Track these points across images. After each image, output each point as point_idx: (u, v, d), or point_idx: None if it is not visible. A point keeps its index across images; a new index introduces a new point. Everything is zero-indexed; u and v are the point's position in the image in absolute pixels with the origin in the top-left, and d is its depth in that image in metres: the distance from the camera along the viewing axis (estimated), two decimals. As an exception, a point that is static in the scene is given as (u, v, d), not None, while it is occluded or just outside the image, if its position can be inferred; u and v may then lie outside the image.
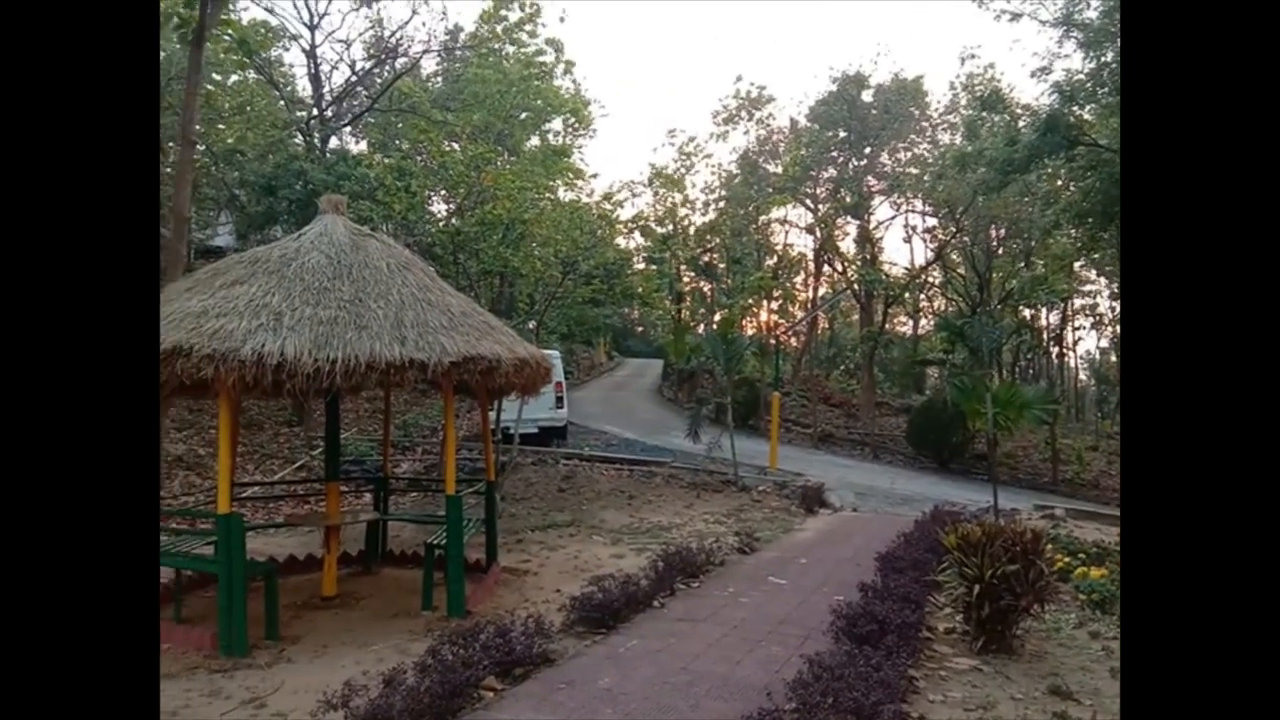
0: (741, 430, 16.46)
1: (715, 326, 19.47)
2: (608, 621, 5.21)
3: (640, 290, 18.44)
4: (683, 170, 22.19)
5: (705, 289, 26.42)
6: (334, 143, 19.53)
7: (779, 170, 25.79)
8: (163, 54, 16.79)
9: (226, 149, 17.12)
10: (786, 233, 28.36)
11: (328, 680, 4.34)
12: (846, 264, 25.20)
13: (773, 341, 22.01)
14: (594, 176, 19.90)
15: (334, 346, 4.83)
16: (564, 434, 15.11)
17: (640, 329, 57.17)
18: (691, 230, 23.59)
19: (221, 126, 17.93)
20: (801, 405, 23.18)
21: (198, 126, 12.04)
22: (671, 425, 18.53)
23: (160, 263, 13.05)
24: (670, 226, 22.15)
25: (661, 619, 5.48)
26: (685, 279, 25.86)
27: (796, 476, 12.65)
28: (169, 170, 16.11)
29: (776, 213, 25.65)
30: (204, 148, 16.93)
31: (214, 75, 19.19)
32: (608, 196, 14.59)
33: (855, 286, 23.60)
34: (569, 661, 4.55)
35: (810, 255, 28.19)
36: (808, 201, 26.13)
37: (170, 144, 16.29)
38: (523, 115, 20.60)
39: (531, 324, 13.98)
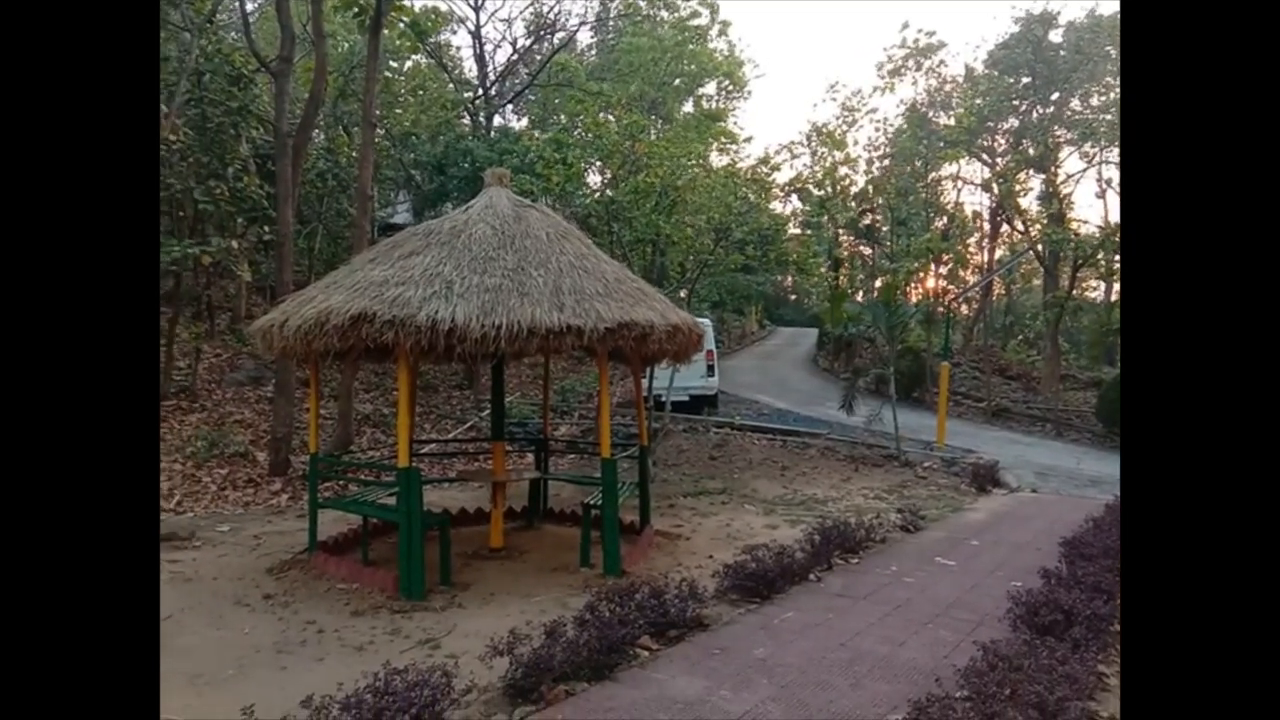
0: (905, 403, 15.59)
1: (876, 293, 18.48)
2: (762, 591, 5.13)
3: (795, 256, 17.87)
4: (845, 127, 21.07)
5: (866, 253, 25.12)
6: (497, 120, 20.48)
7: (951, 122, 23.81)
8: (344, 44, 18.33)
9: (403, 131, 18.42)
10: (959, 190, 26.28)
11: (495, 627, 4.61)
12: (1029, 223, 22.90)
13: (941, 309, 20.55)
14: (748, 140, 19.35)
15: (499, 313, 5.04)
16: (715, 402, 15.05)
17: (793, 297, 55.65)
18: (853, 191, 22.41)
19: (399, 111, 19.32)
20: (973, 377, 21.55)
21: (377, 110, 13.02)
22: (827, 396, 17.93)
23: (348, 239, 14.17)
24: (829, 188, 21.17)
25: (818, 593, 5.31)
26: (844, 243, 24.71)
27: (967, 453, 11.80)
28: (354, 153, 17.66)
29: (948, 169, 23.76)
30: (383, 131, 18.34)
31: (390, 63, 20.70)
32: (764, 160, 14.16)
33: (1039, 248, 21.42)
34: (723, 628, 4.52)
35: (985, 214, 25.95)
36: (984, 155, 23.97)
37: (354, 128, 17.81)
38: (676, 82, 20.45)
39: (683, 292, 13.96)
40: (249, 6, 13.64)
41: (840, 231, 23.83)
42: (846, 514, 7.67)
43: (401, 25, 10.31)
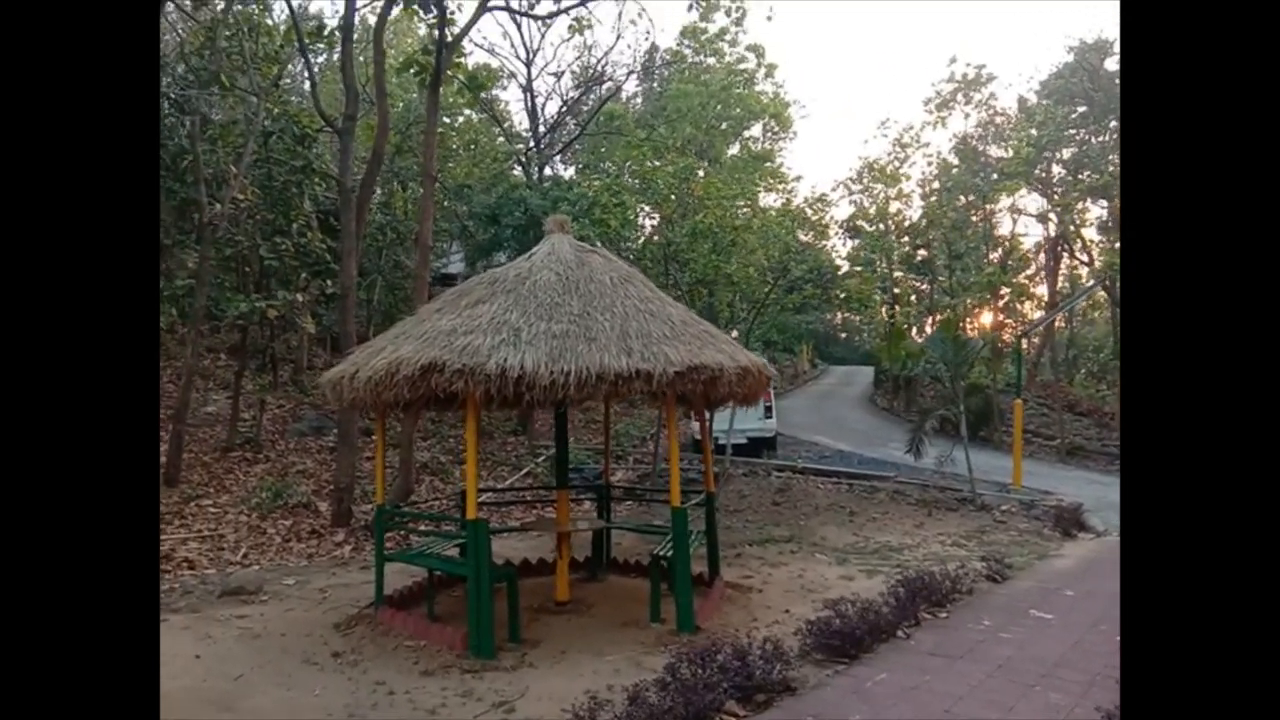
0: (973, 442, 14.96)
1: (931, 329, 17.96)
2: (848, 650, 4.80)
3: (850, 293, 17.56)
4: (896, 163, 20.84)
5: (921, 288, 24.58)
6: (546, 171, 20.91)
7: (1006, 154, 23.39)
8: (401, 104, 19.03)
9: (457, 184, 18.91)
10: (1015, 222, 25.65)
11: (569, 689, 4.40)
12: (1092, 253, 22.14)
13: (1007, 342, 19.85)
14: (797, 179, 19.29)
15: (567, 359, 4.94)
16: (773, 445, 14.70)
17: (844, 335, 54.82)
18: (906, 225, 22.06)
19: (452, 165, 19.87)
20: (1041, 414, 20.66)
21: (434, 174, 13.38)
22: (889, 436, 17.38)
23: (405, 289, 14.39)
24: (882, 224, 20.89)
25: (909, 652, 4.95)
26: (898, 279, 24.25)
27: (1045, 495, 11.20)
28: (411, 207, 18.15)
29: (1004, 201, 23.25)
30: (438, 184, 18.87)
31: (444, 119, 21.41)
32: (820, 199, 14.05)
33: (1104, 279, 20.64)
34: (811, 692, 4.22)
35: (1044, 246, 25.22)
36: (1040, 186, 23.40)
37: (411, 182, 18.36)
38: (723, 125, 20.61)
39: (733, 332, 13.79)
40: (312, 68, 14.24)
41: (893, 267, 23.38)
42: (926, 563, 7.25)
43: (458, 83, 10.59)
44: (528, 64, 18.22)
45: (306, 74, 14.49)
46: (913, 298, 25.85)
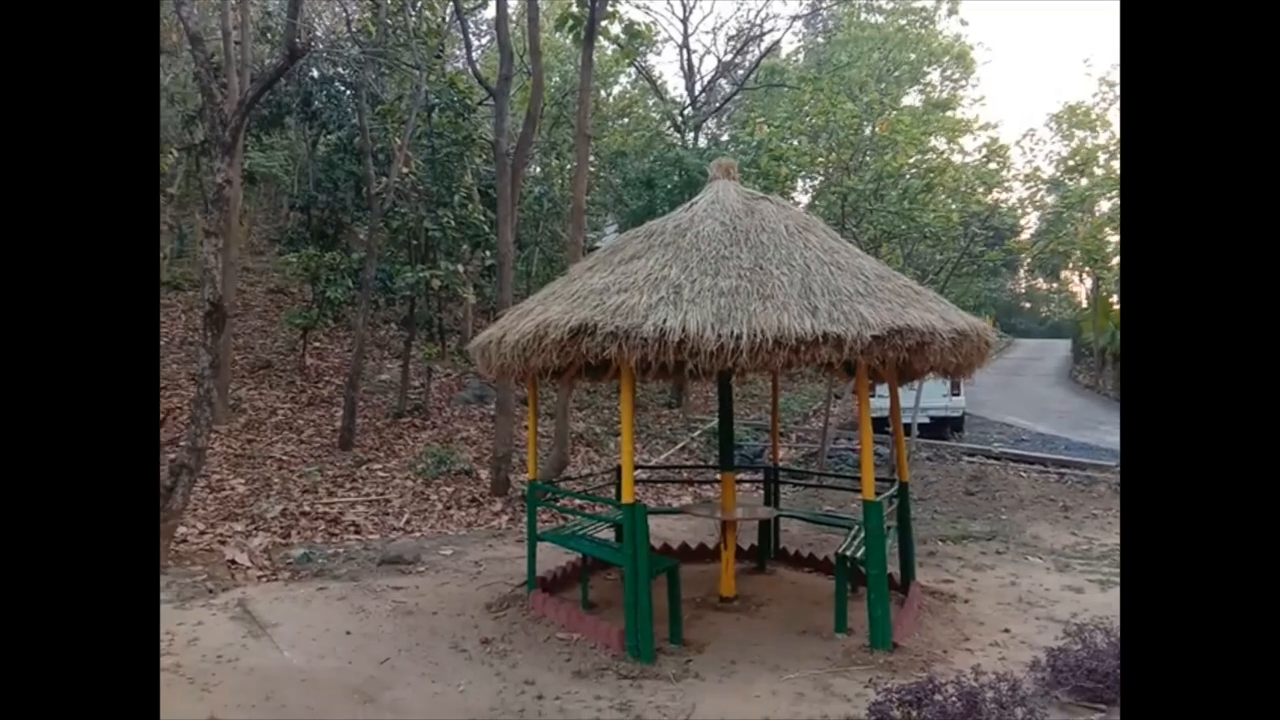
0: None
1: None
2: (1105, 695, 3.70)
3: (1089, 247, 15.06)
4: (1104, 105, 17.90)
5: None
6: (701, 139, 20.02)
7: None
8: (557, 77, 18.87)
9: (612, 152, 18.53)
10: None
11: (742, 711, 3.70)
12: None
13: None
14: (984, 128, 17.02)
15: (737, 320, 4.15)
16: (961, 425, 13.08)
17: (1026, 305, 49.52)
18: (1114, 177, 18.92)
19: (605, 138, 19.52)
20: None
21: (588, 133, 12.95)
22: (1097, 418, 15.04)
23: (562, 260, 14.22)
24: (1082, 176, 18.02)
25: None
26: (1106, 238, 21.02)
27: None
28: (568, 178, 18.03)
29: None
30: (593, 154, 18.58)
31: (600, 90, 21.11)
32: (1000, 149, 12.03)
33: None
34: (1064, 754, 3.22)
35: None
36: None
37: (569, 153, 18.19)
38: (896, 72, 18.65)
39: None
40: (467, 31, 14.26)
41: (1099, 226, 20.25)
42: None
43: (611, 37, 9.94)
44: (684, 19, 17.34)
45: (463, 40, 14.51)
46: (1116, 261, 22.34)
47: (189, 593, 5.44)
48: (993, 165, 12.02)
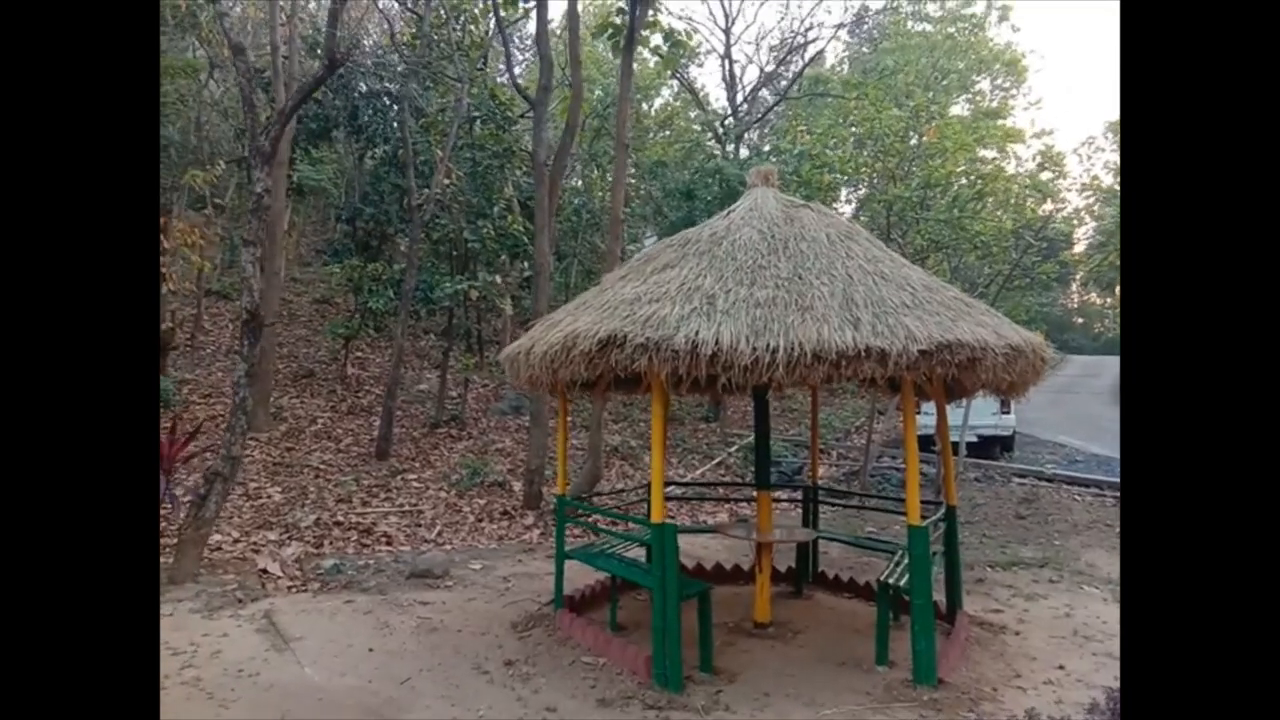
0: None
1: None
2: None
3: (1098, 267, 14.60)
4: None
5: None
6: (743, 151, 19.82)
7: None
8: (599, 90, 18.91)
9: (652, 164, 18.46)
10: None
11: (774, 750, 3.46)
12: None
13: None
14: (1038, 135, 16.45)
15: (774, 332, 3.95)
16: (1011, 445, 12.56)
17: (1079, 320, 47.87)
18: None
19: (645, 151, 19.47)
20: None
21: (629, 141, 12.89)
22: (1157, 439, 14.30)
23: (600, 272, 14.15)
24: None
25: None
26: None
27: None
28: (608, 191, 18.00)
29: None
30: (633, 165, 18.53)
31: (641, 102, 21.10)
32: (1058, 155, 11.58)
33: None
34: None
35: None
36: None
37: (609, 165, 18.17)
38: (944, 81, 18.21)
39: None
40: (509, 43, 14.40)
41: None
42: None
43: (652, 48, 9.86)
44: (726, 29, 17.22)
45: (503, 51, 14.61)
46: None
47: (218, 602, 5.42)
48: (1046, 174, 11.56)
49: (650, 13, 9.14)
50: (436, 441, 11.85)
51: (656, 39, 9.49)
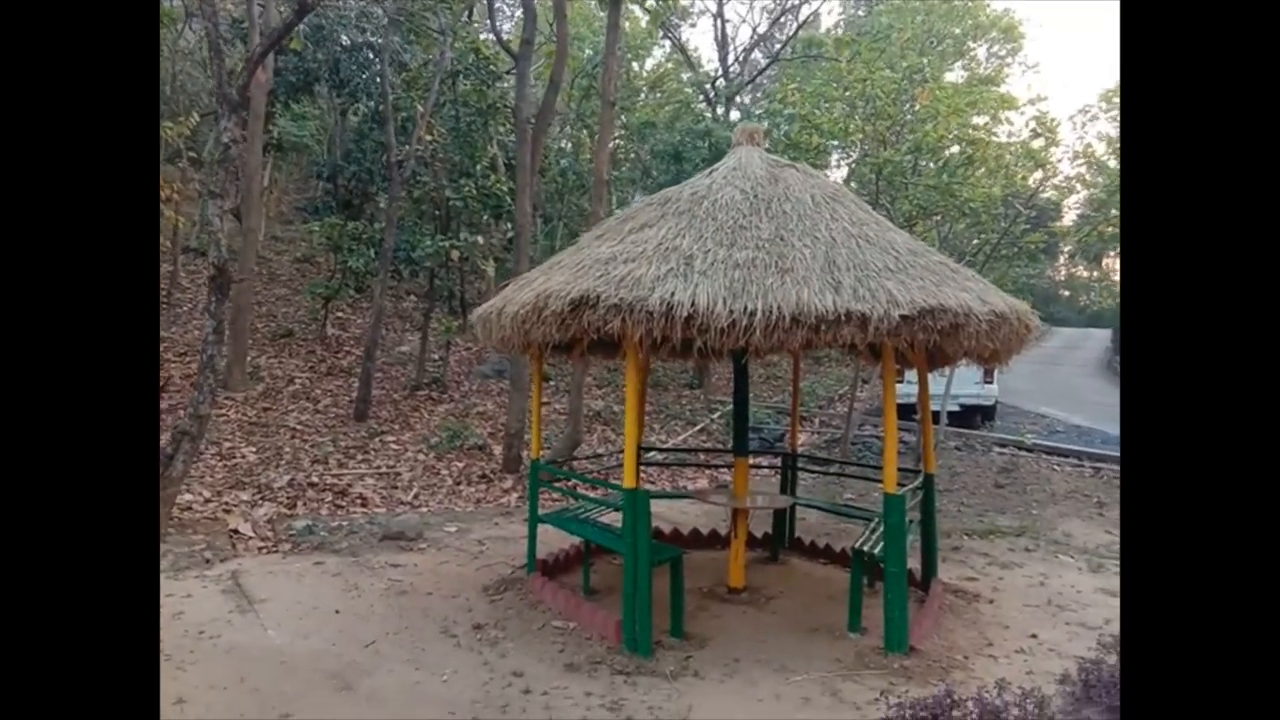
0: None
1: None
2: (1142, 717, 3.35)
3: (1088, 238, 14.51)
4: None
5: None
6: (733, 113, 19.42)
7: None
8: (588, 50, 18.42)
9: (640, 123, 18.07)
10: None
11: (743, 712, 3.43)
12: None
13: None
14: (1034, 102, 16.22)
15: (752, 294, 3.83)
16: (992, 414, 12.58)
17: (1065, 293, 48.02)
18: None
19: (635, 112, 19.05)
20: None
21: (618, 100, 12.55)
22: (1138, 412, 14.37)
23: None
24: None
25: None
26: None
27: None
28: (597, 137, 17.63)
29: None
30: (622, 125, 18.14)
31: (632, 63, 20.60)
32: (1052, 121, 11.35)
33: None
34: (1096, 783, 2.90)
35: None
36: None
37: (597, 125, 17.79)
38: (939, 46, 17.86)
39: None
40: None
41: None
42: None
43: (647, 6, 9.54)
44: (719, -13, 16.73)
45: (487, 4, 14.15)
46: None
47: (184, 563, 5.32)
48: (1039, 141, 11.38)
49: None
50: (417, 404, 11.72)
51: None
